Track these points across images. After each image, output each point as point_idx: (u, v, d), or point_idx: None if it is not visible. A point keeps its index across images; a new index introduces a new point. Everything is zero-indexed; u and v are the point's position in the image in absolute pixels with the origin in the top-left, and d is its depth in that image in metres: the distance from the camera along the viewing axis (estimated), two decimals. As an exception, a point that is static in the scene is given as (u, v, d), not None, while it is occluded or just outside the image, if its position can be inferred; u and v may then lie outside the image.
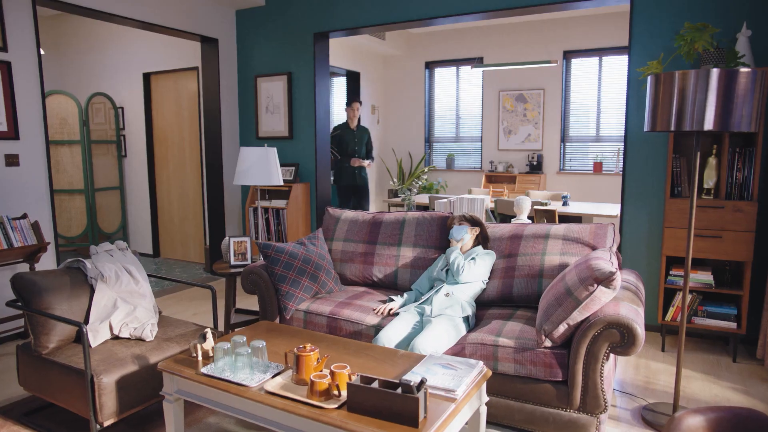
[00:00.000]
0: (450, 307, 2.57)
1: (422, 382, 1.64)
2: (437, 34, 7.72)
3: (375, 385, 1.69)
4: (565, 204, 5.21)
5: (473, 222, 2.90)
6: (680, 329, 2.54)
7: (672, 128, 2.30)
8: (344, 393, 1.77)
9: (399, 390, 1.64)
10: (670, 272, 3.36)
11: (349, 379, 1.82)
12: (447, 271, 2.79)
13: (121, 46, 6.03)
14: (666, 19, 3.47)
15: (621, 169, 6.76)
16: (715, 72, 2.18)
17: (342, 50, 7.01)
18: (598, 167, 6.87)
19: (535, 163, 7.12)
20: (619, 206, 5.23)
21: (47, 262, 3.75)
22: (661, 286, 3.38)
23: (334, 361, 2.09)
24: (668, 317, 3.37)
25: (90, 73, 6.30)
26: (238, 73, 5.31)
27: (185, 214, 6.00)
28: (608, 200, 6.76)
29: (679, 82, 2.27)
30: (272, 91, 5.12)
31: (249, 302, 4.53)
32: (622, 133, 6.74)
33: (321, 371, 1.88)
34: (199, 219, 5.88)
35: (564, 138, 7.12)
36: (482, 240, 2.90)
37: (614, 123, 6.83)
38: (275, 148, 3.50)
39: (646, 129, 2.45)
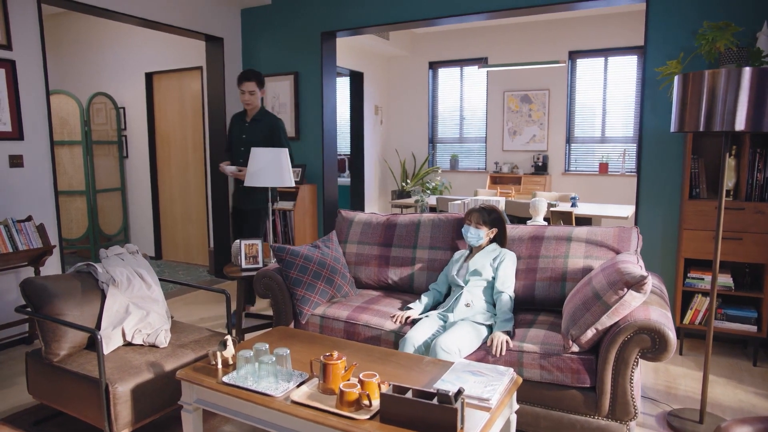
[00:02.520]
0: (472, 316, 2.52)
1: (459, 392, 1.58)
2: (441, 34, 7.66)
3: (409, 394, 1.63)
4: (573, 205, 5.16)
5: (492, 223, 2.72)
6: (708, 335, 2.49)
7: (701, 129, 2.25)
8: (375, 403, 1.70)
9: (435, 400, 1.58)
10: (689, 274, 3.31)
11: (379, 388, 1.75)
12: (462, 274, 2.69)
13: (122, 46, 5.95)
14: (682, 19, 3.42)
15: (628, 170, 6.74)
16: (747, 71, 2.13)
17: (345, 50, 6.94)
18: (603, 168, 6.84)
19: (540, 163, 7.08)
20: (629, 207, 5.20)
21: (52, 265, 3.67)
22: (678, 289, 3.33)
23: (358, 368, 2.03)
24: (686, 320, 3.32)
25: (91, 72, 6.21)
26: (243, 73, 5.24)
27: (188, 216, 5.92)
28: (614, 201, 6.72)
29: (709, 81, 2.22)
30: (278, 91, 5.05)
31: (256, 306, 4.45)
32: (628, 134, 6.74)
33: (349, 380, 1.81)
34: (202, 221, 5.79)
35: (569, 139, 7.09)
36: (499, 239, 2.74)
37: (620, 124, 6.80)
38: (287, 149, 3.43)
39: (672, 130, 2.40)
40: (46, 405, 2.54)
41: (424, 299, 2.75)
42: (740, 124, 2.17)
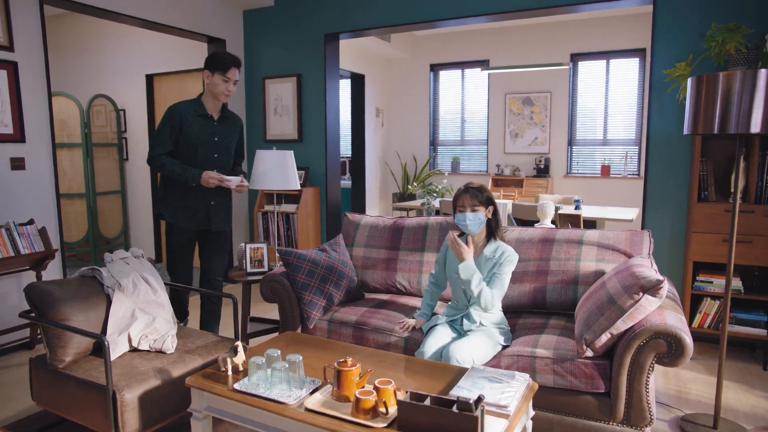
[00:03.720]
0: (485, 330, 2.40)
1: (479, 399, 1.54)
2: (442, 36, 7.65)
3: (427, 402, 1.60)
4: (577, 208, 5.13)
5: (487, 202, 2.36)
6: (721, 339, 2.46)
7: (715, 131, 2.24)
8: (392, 410, 1.67)
9: (454, 407, 1.54)
10: (697, 278, 3.29)
11: (395, 395, 1.72)
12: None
13: (123, 47, 5.91)
14: (689, 21, 3.41)
15: (630, 172, 6.73)
16: (763, 73, 2.11)
17: (346, 52, 6.92)
18: (605, 170, 6.83)
19: (542, 166, 7.06)
20: (632, 210, 5.18)
21: (53, 269, 3.62)
22: (686, 293, 3.31)
23: (372, 375, 1.99)
24: (695, 324, 3.30)
25: (91, 74, 6.17)
26: (245, 75, 5.21)
27: (189, 219, 5.86)
28: (616, 204, 6.71)
29: (724, 83, 2.20)
30: (281, 93, 5.01)
31: (257, 310, 4.41)
32: (630, 137, 6.74)
33: (364, 387, 1.78)
34: (203, 224, 5.74)
35: (571, 141, 7.08)
36: (494, 222, 2.40)
37: (621, 126, 6.80)
38: (292, 151, 3.40)
39: (685, 132, 2.38)
40: (50, 412, 2.50)
41: (427, 307, 2.58)
42: (756, 127, 2.15)
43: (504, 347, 2.38)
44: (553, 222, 4.01)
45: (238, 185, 3.02)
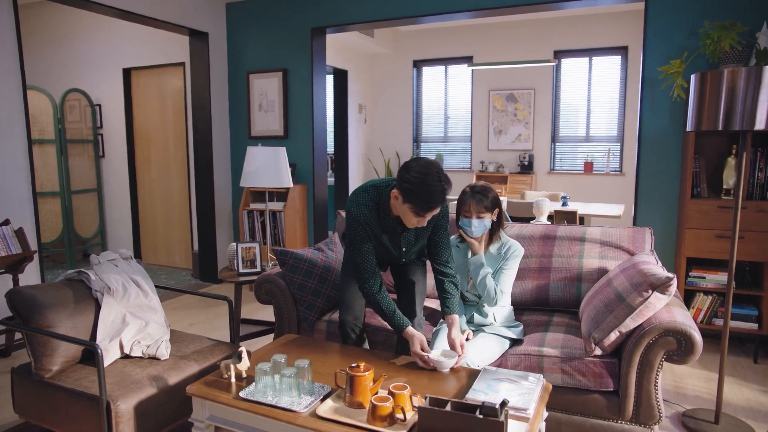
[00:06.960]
0: (495, 328, 2.36)
1: (504, 403, 1.50)
2: (425, 32, 7.60)
3: (448, 407, 1.54)
4: (564, 204, 5.16)
5: (493, 206, 2.29)
6: (723, 335, 2.48)
7: (720, 128, 2.24)
8: (409, 416, 1.61)
9: (478, 412, 1.49)
10: (690, 273, 3.32)
11: (410, 400, 1.66)
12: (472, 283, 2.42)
13: (98, 40, 5.67)
14: (680, 19, 3.43)
15: (612, 169, 6.81)
16: (768, 69, 2.11)
17: (329, 47, 6.80)
18: (588, 167, 6.89)
19: (526, 163, 7.09)
20: (619, 206, 5.23)
21: (30, 272, 3.44)
22: (680, 288, 3.33)
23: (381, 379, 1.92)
24: (688, 319, 3.33)
25: (64, 67, 5.91)
26: (228, 70, 5.06)
27: (170, 218, 5.69)
28: (599, 200, 6.78)
29: (728, 80, 2.20)
30: (266, 89, 4.89)
31: (246, 311, 4.29)
32: (612, 134, 6.81)
33: (378, 392, 1.71)
34: (185, 223, 5.58)
35: (554, 138, 7.12)
36: (499, 220, 2.36)
37: (604, 123, 6.87)
38: (284, 148, 3.30)
39: (689, 128, 2.38)
40: (33, 424, 2.36)
41: (461, 314, 2.40)
42: (761, 123, 2.16)
43: (513, 342, 2.36)
44: (549, 218, 4.01)
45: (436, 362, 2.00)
